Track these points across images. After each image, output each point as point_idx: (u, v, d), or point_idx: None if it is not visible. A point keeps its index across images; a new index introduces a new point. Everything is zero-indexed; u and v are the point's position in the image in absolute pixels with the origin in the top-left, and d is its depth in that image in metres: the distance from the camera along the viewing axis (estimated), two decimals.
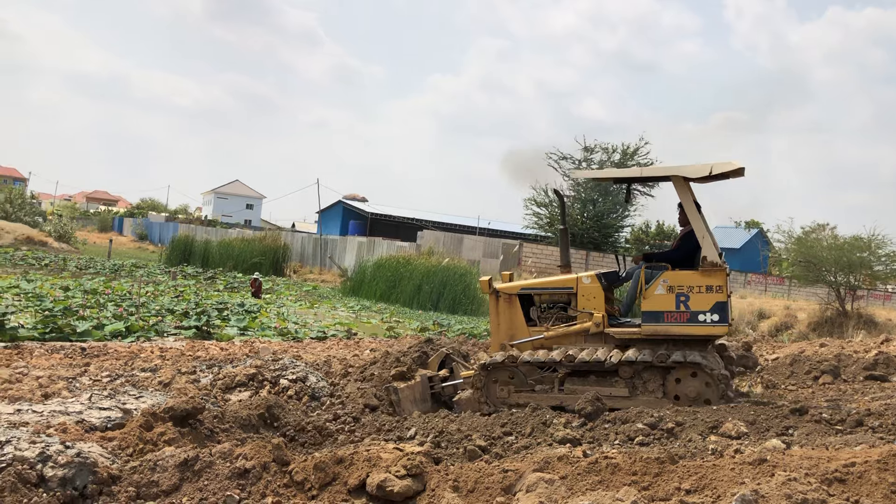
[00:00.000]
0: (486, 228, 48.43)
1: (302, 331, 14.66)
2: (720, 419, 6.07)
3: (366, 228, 49.99)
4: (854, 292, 24.54)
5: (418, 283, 25.11)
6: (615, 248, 39.59)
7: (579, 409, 6.49)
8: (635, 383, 7.26)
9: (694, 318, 7.18)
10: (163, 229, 59.65)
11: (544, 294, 7.98)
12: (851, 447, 5.15)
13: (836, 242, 23.72)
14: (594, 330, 7.53)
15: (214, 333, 13.14)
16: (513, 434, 6.15)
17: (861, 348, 11.66)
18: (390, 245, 33.78)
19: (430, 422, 6.52)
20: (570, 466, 4.44)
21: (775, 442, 5.49)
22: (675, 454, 4.71)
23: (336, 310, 20.91)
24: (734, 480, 4.16)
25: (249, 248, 35.80)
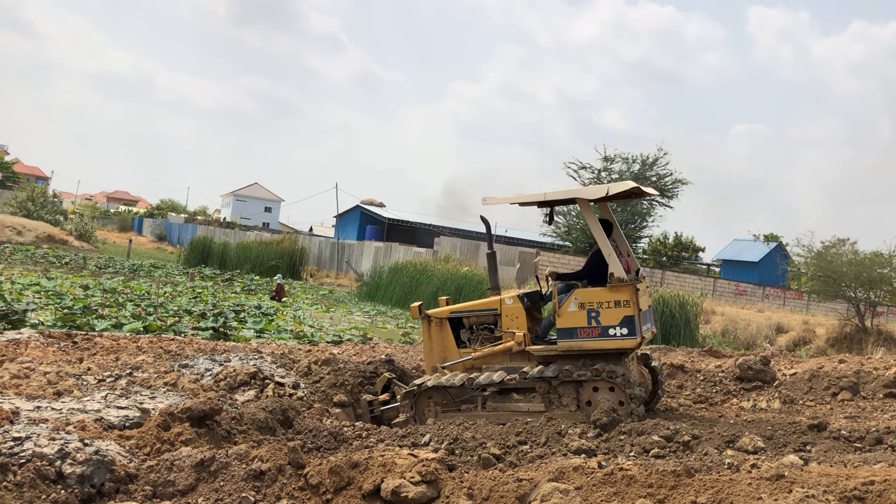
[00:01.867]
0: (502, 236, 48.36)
1: (318, 334, 14.71)
2: (737, 433, 6.02)
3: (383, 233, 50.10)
4: (874, 308, 24.28)
5: (435, 289, 25.11)
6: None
7: (594, 419, 6.47)
8: (551, 398, 7.50)
9: (605, 332, 7.40)
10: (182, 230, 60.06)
11: (472, 317, 8.25)
12: (871, 465, 5.09)
13: (857, 258, 23.50)
14: (516, 349, 7.78)
15: (231, 335, 13.22)
16: (527, 443, 6.14)
17: (881, 365, 11.52)
18: (407, 251, 33.84)
19: (444, 429, 6.52)
20: (586, 477, 4.43)
21: (793, 458, 5.43)
22: (691, 467, 4.68)
23: (352, 314, 20.97)
24: (751, 496, 4.13)
25: (267, 251, 35.99)
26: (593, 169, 37.39)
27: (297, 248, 37.48)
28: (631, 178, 36.61)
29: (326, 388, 8.17)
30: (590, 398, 7.42)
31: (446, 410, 7.72)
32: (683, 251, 53.30)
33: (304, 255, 38.10)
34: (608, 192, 7.67)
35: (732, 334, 21.48)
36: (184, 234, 56.94)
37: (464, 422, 7.12)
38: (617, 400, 7.34)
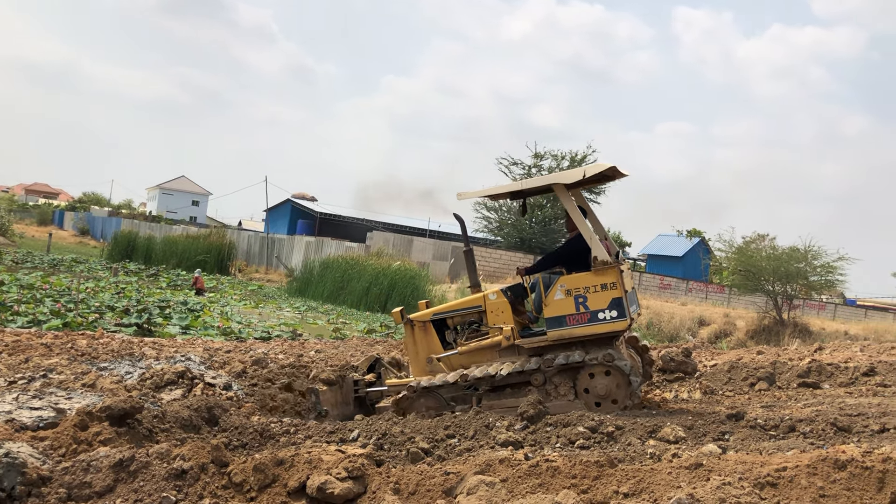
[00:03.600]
0: (436, 231, 48.47)
1: (246, 331, 14.47)
2: (659, 424, 6.17)
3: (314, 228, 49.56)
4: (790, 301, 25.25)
5: (367, 284, 25.01)
6: None
7: (522, 412, 6.53)
8: (547, 389, 7.45)
9: (594, 317, 7.38)
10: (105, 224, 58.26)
11: (456, 317, 8.12)
12: (784, 452, 5.29)
13: (775, 253, 24.39)
14: (505, 343, 7.69)
15: (156, 331, 12.89)
16: (456, 437, 6.16)
17: (796, 356, 12.00)
18: (339, 245, 33.58)
19: (373, 424, 6.49)
20: (511, 469, 4.47)
21: (712, 447, 5.60)
22: (614, 458, 4.77)
23: (282, 310, 20.69)
24: (671, 484, 4.23)
25: (194, 246, 35.23)
26: (524, 165, 37.79)
27: (226, 243, 36.81)
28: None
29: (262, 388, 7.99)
30: (587, 385, 7.37)
31: (440, 413, 7.45)
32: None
33: (233, 250, 37.45)
34: (584, 175, 7.54)
35: (657, 327, 22.02)
36: (107, 228, 55.23)
37: (393, 416, 7.10)
38: (615, 383, 7.31)
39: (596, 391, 7.34)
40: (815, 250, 24.10)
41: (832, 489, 4.13)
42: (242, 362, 8.63)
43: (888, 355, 11.47)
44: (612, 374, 7.35)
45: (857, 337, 21.89)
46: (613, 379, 7.33)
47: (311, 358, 10.17)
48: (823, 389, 9.37)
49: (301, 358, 9.90)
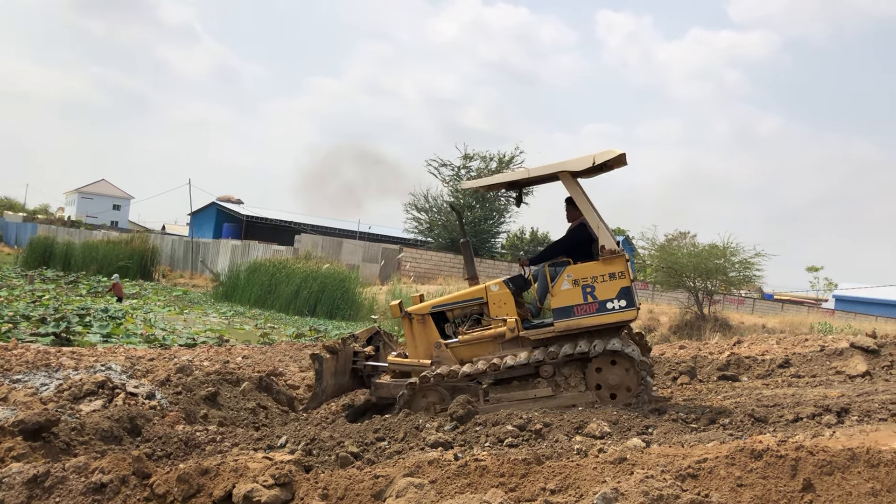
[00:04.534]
0: (366, 233, 48.26)
1: (170, 338, 14.11)
2: (585, 420, 6.28)
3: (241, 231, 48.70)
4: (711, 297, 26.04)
5: (296, 287, 24.70)
6: (492, 253, 40.40)
7: (451, 412, 6.56)
8: (557, 381, 7.30)
9: (602, 306, 7.26)
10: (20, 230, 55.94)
11: (456, 309, 7.95)
12: (704, 444, 5.45)
13: (696, 250, 25.11)
14: (509, 335, 7.53)
15: (75, 340, 12.45)
16: (386, 439, 6.14)
17: (716, 350, 12.39)
18: (266, 249, 33.09)
19: (301, 429, 6.42)
20: (441, 470, 4.48)
21: (636, 441, 5.73)
22: (541, 455, 4.84)
23: (207, 315, 20.26)
24: (596, 479, 4.32)
25: (115, 251, 34.18)
26: (453, 166, 37.97)
27: (149, 248, 35.85)
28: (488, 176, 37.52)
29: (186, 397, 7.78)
30: (598, 379, 7.24)
31: (445, 407, 7.23)
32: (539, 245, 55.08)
33: (156, 255, 36.51)
34: (594, 162, 7.39)
35: None
36: (22, 233, 53.08)
37: (321, 421, 7.02)
38: (624, 374, 7.21)
39: (608, 382, 7.22)
40: (734, 247, 24.94)
41: (749, 478, 4.28)
42: (166, 370, 8.41)
43: (802, 347, 11.95)
44: (621, 364, 7.22)
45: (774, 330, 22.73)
46: (624, 368, 7.22)
47: (237, 364, 9.99)
48: (742, 382, 9.69)
49: (227, 364, 9.71)
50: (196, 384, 7.87)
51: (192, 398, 7.50)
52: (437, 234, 38.02)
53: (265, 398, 8.14)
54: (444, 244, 37.41)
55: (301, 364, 10.84)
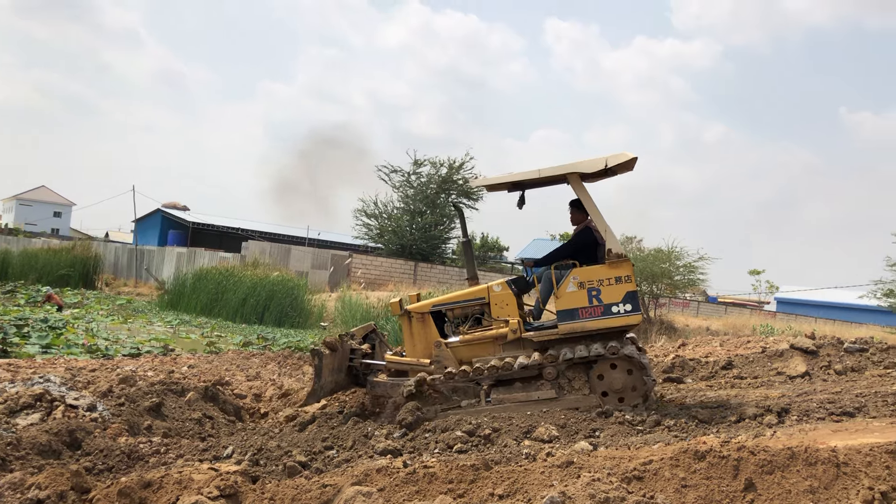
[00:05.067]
0: (315, 239, 47.84)
1: (113, 348, 13.77)
2: (534, 424, 6.33)
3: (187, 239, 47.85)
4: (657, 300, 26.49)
5: (243, 295, 24.36)
6: (442, 259, 40.44)
7: (400, 419, 6.53)
8: (561, 383, 7.27)
9: (608, 310, 7.26)
10: None
11: (457, 308, 7.87)
12: (650, 446, 5.53)
13: (642, 254, 25.51)
14: (511, 337, 7.50)
15: (12, 352, 12.07)
16: (334, 448, 6.10)
17: (661, 352, 12.61)
18: (213, 256, 32.57)
19: (248, 440, 6.34)
20: (389, 478, 4.46)
21: (583, 444, 5.79)
22: (490, 460, 4.85)
23: (152, 324, 19.84)
24: (544, 483, 4.35)
25: (56, 259, 33.25)
26: (404, 172, 37.93)
27: (91, 256, 34.99)
28: (439, 182, 37.56)
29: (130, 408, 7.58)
30: (604, 386, 7.22)
31: (446, 409, 7.22)
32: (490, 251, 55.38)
33: (99, 263, 35.65)
34: (606, 164, 7.41)
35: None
36: None
37: (269, 430, 6.92)
38: (628, 377, 7.23)
39: (613, 387, 7.22)
40: (678, 251, 25.42)
41: (693, 479, 4.35)
42: (109, 381, 8.21)
43: (744, 349, 12.22)
44: (630, 369, 7.25)
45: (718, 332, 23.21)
46: (630, 372, 7.24)
47: (182, 374, 9.81)
48: (686, 384, 9.87)
49: (172, 374, 9.53)
50: (140, 395, 7.69)
51: (136, 409, 7.33)
52: (388, 240, 37.89)
53: (211, 408, 8.00)
54: (394, 250, 37.31)
55: (248, 373, 10.69)
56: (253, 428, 7.73)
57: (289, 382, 9.95)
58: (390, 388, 7.70)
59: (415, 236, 37.24)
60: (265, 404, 8.82)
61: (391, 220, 37.82)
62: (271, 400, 8.92)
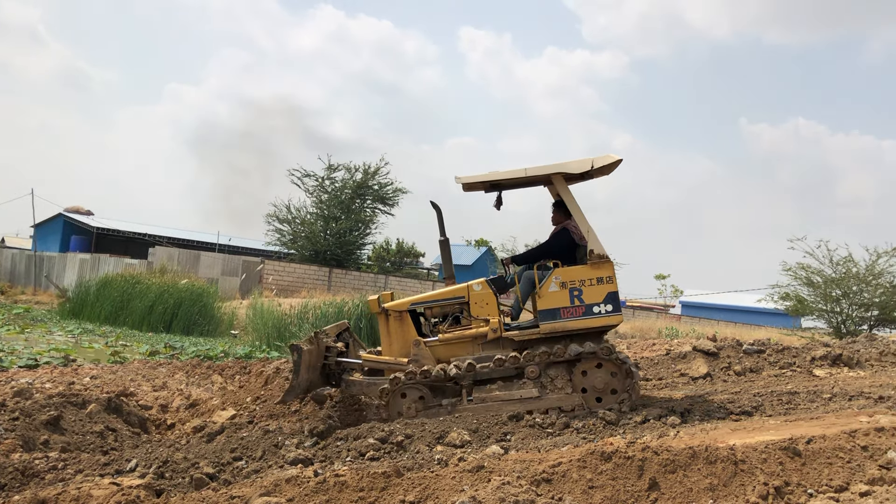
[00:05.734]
0: (225, 245, 46.78)
1: (9, 359, 13.11)
2: (446, 429, 6.35)
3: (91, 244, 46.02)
4: None
5: (150, 303, 23.58)
6: (357, 264, 40.22)
7: (311, 428, 6.46)
8: (543, 382, 7.28)
9: (589, 310, 7.33)
10: None
11: (435, 307, 7.84)
12: (559, 448, 5.64)
13: None
14: (491, 336, 7.52)
15: None
16: (244, 458, 5.97)
17: None
18: (118, 262, 31.47)
19: (153, 452, 6.13)
20: (299, 488, 4.40)
21: (495, 448, 5.85)
22: (402, 467, 4.85)
23: (52, 334, 18.99)
24: (454, 488, 4.37)
25: None
26: (317, 177, 37.55)
27: None
28: (353, 188, 37.34)
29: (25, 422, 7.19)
30: (585, 380, 7.27)
31: (428, 407, 7.17)
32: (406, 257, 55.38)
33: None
34: (593, 166, 7.49)
35: None
36: None
37: (175, 442, 6.72)
38: (610, 380, 7.27)
39: (594, 385, 7.28)
40: None
41: (599, 480, 4.46)
42: (2, 394, 7.81)
43: (650, 351, 12.60)
44: (602, 365, 7.31)
45: (626, 335, 23.85)
46: (610, 372, 7.30)
47: (84, 385, 9.42)
48: None
49: (73, 385, 9.14)
50: (36, 408, 7.34)
51: (31, 423, 6.99)
52: (301, 245, 37.41)
53: (114, 420, 7.71)
54: (307, 256, 36.85)
55: (154, 383, 10.36)
56: (159, 440, 7.49)
57: (197, 392, 9.68)
58: (366, 387, 7.65)
59: (329, 242, 36.91)
60: (172, 415, 8.57)
61: (304, 225, 37.36)
62: (178, 411, 8.67)
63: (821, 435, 5.23)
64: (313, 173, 37.57)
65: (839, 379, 9.54)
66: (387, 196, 38.57)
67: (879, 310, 18.86)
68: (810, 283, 20.17)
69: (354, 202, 37.62)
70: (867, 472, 4.59)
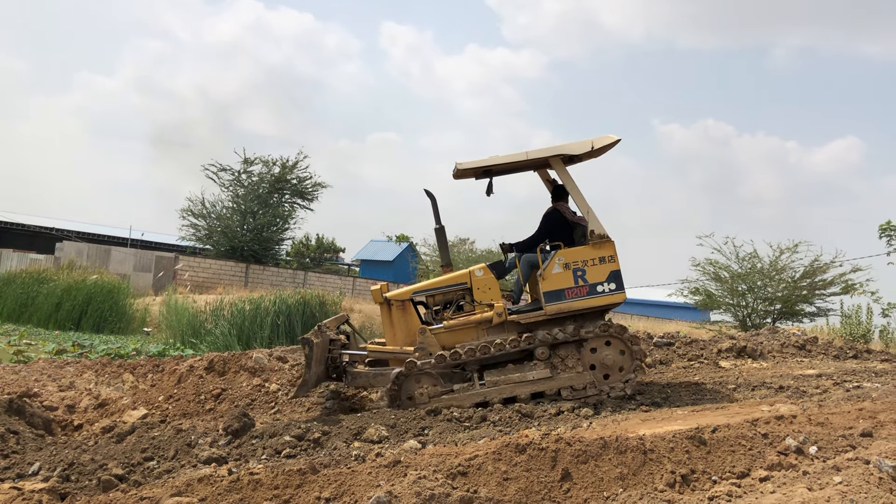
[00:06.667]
0: (138, 240, 45.36)
1: None
2: (364, 425, 6.34)
3: None
4: None
5: (57, 300, 22.65)
6: (276, 260, 39.60)
7: (226, 426, 6.34)
8: (554, 363, 7.41)
9: (593, 290, 7.47)
10: None
11: (437, 294, 7.90)
12: (476, 441, 5.71)
13: (474, 255, 26.25)
14: (497, 320, 7.60)
15: None
16: (155, 458, 5.82)
17: None
18: (22, 258, 30.12)
19: (58, 454, 5.91)
20: (212, 487, 4.33)
21: (412, 443, 5.88)
22: (318, 464, 4.82)
23: None
24: (371, 484, 4.38)
25: None
26: (233, 171, 36.76)
27: None
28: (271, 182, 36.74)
29: None
30: (594, 358, 7.46)
31: (442, 392, 7.19)
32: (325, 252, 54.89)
33: None
34: (593, 147, 7.65)
35: (369, 329, 22.62)
36: None
37: (83, 444, 6.49)
38: (619, 356, 7.49)
39: (603, 363, 7.47)
40: None
41: (514, 472, 4.54)
42: None
43: None
44: (611, 343, 7.52)
45: None
46: (619, 350, 7.51)
47: None
48: None
49: None
50: None
51: None
52: (217, 241, 36.55)
53: (16, 422, 7.37)
54: (223, 252, 36.05)
55: (61, 383, 9.97)
56: (65, 442, 7.21)
57: (107, 392, 9.37)
58: (373, 378, 7.66)
59: (246, 237, 36.20)
60: (80, 416, 8.27)
61: (220, 220, 36.52)
62: (87, 411, 8.37)
63: (725, 424, 5.46)
64: (229, 167, 36.76)
65: (743, 370, 9.96)
66: (306, 190, 38.07)
67: (782, 303, 19.73)
68: (718, 279, 20.94)
69: (272, 197, 36.98)
70: (767, 458, 4.81)
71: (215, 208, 36.82)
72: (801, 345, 11.67)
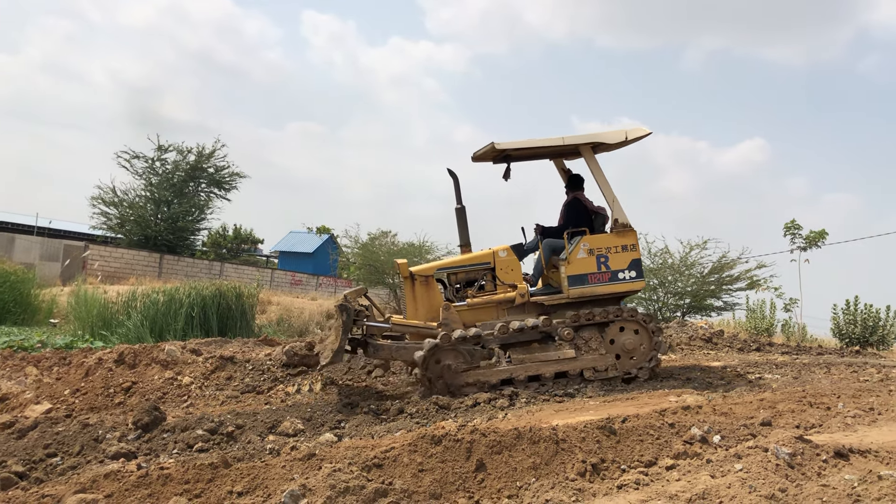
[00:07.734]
0: (45, 228, 43.49)
1: None
2: (279, 419, 6.28)
3: None
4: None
5: None
6: (192, 250, 38.63)
7: (136, 420, 6.17)
8: (577, 344, 7.61)
9: (615, 276, 7.77)
10: None
11: (460, 272, 8.03)
12: (393, 434, 5.73)
13: (395, 248, 26.18)
14: (519, 301, 7.80)
15: None
16: (59, 454, 5.61)
17: None
18: None
19: None
20: (119, 483, 4.20)
21: (328, 436, 5.85)
22: (231, 457, 4.75)
23: None
24: (285, 477, 4.33)
25: None
26: (147, 158, 35.63)
27: None
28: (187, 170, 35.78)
29: None
30: (615, 339, 7.70)
31: (468, 369, 7.26)
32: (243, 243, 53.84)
33: None
34: (626, 137, 7.87)
35: (287, 322, 22.31)
36: None
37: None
38: (640, 341, 7.75)
39: (624, 346, 7.73)
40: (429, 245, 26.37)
41: (429, 463, 4.56)
42: None
43: None
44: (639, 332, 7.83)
45: None
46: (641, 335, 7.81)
47: None
48: None
49: None
50: None
51: None
52: (130, 230, 35.38)
53: None
54: (137, 241, 34.93)
55: None
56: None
57: (8, 385, 8.97)
58: (395, 351, 7.69)
59: (160, 227, 35.17)
60: None
61: (133, 209, 35.37)
62: None
63: (634, 414, 5.63)
64: (142, 154, 35.62)
65: None
66: (223, 180, 37.25)
67: (691, 298, 20.39)
68: None
69: (188, 185, 36.03)
70: (673, 447, 4.99)
71: (128, 196, 35.65)
72: (708, 338, 12.12)
